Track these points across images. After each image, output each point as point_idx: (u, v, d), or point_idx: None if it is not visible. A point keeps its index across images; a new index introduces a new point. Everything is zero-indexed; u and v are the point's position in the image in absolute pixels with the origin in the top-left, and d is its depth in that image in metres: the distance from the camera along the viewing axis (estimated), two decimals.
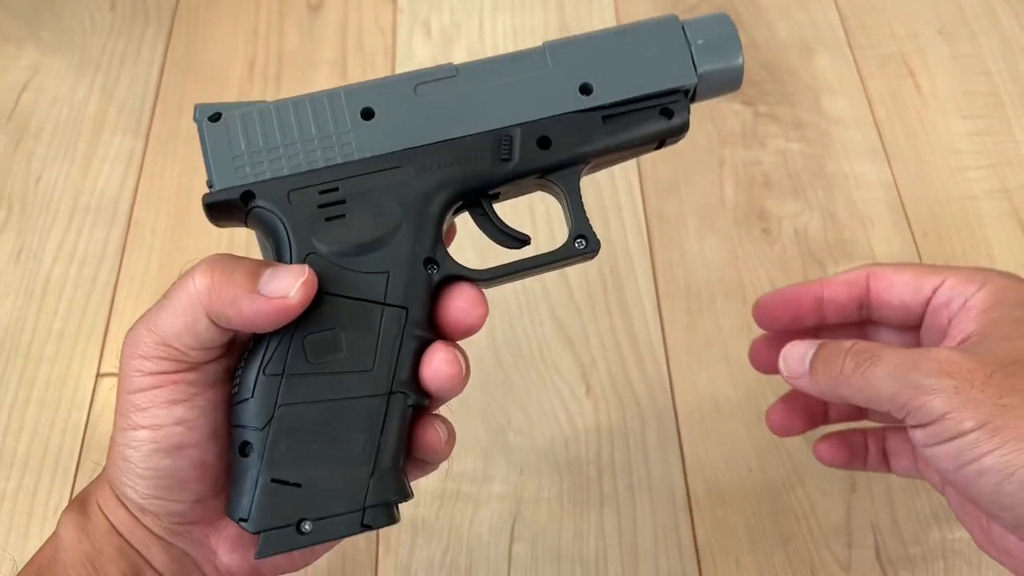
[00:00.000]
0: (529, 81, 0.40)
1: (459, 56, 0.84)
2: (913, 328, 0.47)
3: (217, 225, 0.40)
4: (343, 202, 0.38)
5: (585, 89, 0.40)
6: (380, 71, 0.83)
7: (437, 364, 0.38)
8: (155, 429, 0.36)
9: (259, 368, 0.36)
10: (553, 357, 0.67)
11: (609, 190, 0.75)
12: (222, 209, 0.40)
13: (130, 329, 0.37)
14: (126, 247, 0.73)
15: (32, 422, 0.65)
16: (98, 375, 0.67)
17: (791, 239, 0.73)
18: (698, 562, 0.60)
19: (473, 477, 0.62)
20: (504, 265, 0.40)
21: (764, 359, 0.52)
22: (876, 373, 0.39)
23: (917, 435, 0.39)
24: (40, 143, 0.79)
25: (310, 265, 0.37)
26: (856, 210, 0.75)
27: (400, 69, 0.84)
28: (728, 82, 0.44)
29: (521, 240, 0.41)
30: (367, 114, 0.39)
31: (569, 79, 0.40)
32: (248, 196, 0.38)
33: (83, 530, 0.37)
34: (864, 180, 0.77)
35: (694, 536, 0.61)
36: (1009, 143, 0.78)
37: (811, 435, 0.54)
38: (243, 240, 0.73)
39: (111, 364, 0.67)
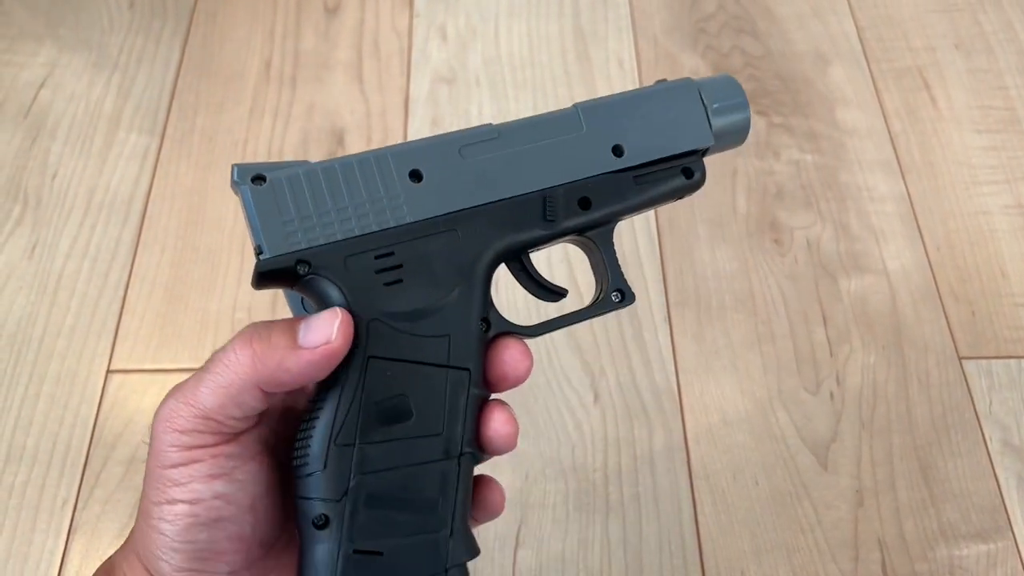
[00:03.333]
0: (566, 143, 0.41)
1: (474, 61, 0.85)
2: None
3: (262, 288, 0.39)
4: (400, 267, 0.38)
5: (617, 151, 0.41)
6: (395, 74, 0.84)
7: (497, 425, 0.38)
8: (194, 503, 0.35)
9: (329, 439, 0.36)
10: (562, 364, 0.67)
11: None
12: (273, 276, 0.38)
13: (161, 404, 0.36)
14: (139, 244, 0.73)
15: (42, 417, 0.65)
16: (108, 371, 0.67)
17: (803, 250, 0.73)
18: (703, 573, 0.60)
19: None
20: (550, 321, 0.41)
21: None
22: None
23: None
24: (56, 140, 0.79)
25: (372, 330, 0.37)
26: (869, 222, 0.74)
27: (415, 72, 0.84)
28: (734, 142, 0.46)
29: (558, 293, 0.42)
30: (415, 176, 0.39)
31: (603, 141, 0.41)
32: (303, 263, 0.37)
33: None
34: (877, 192, 0.76)
35: (699, 547, 0.60)
36: None
37: (818, 448, 0.53)
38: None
39: (121, 360, 0.68)
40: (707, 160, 0.45)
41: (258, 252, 0.36)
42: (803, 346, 0.68)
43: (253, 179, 0.37)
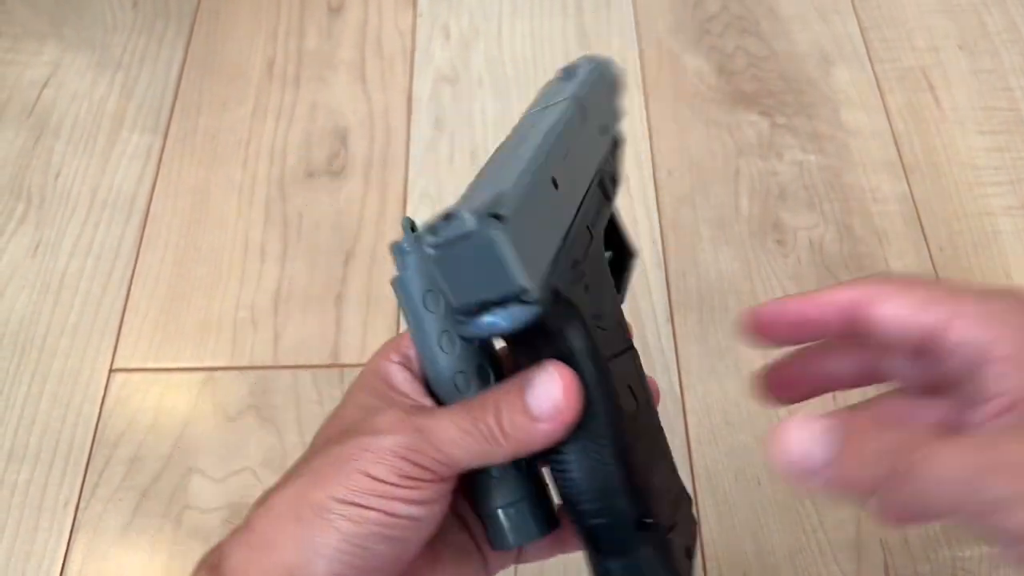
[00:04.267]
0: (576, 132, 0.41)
1: (477, 61, 0.84)
2: (924, 358, 0.35)
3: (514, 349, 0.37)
4: (584, 273, 0.36)
5: (604, 131, 0.42)
6: (398, 74, 0.84)
7: None
8: (388, 515, 0.34)
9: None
10: None
11: (624, 199, 0.75)
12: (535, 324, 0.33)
13: (396, 427, 0.35)
14: (142, 243, 0.73)
15: (44, 415, 0.65)
16: (111, 370, 0.67)
17: (806, 251, 0.73)
18: (704, 573, 0.59)
19: None
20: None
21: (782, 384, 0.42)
22: (931, 475, 0.28)
23: (1002, 549, 0.29)
24: (59, 139, 0.79)
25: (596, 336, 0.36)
26: (872, 223, 0.74)
27: (418, 72, 0.84)
28: None
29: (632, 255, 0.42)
30: (555, 184, 0.35)
31: (594, 129, 0.41)
32: (556, 294, 0.33)
33: None
34: (881, 193, 0.76)
35: (701, 548, 0.60)
36: None
37: None
38: (257, 241, 0.74)
39: (124, 359, 0.68)
40: (708, 157, 0.45)
41: (521, 297, 0.30)
42: None
43: (494, 216, 0.30)
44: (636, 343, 0.40)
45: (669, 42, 0.86)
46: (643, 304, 0.70)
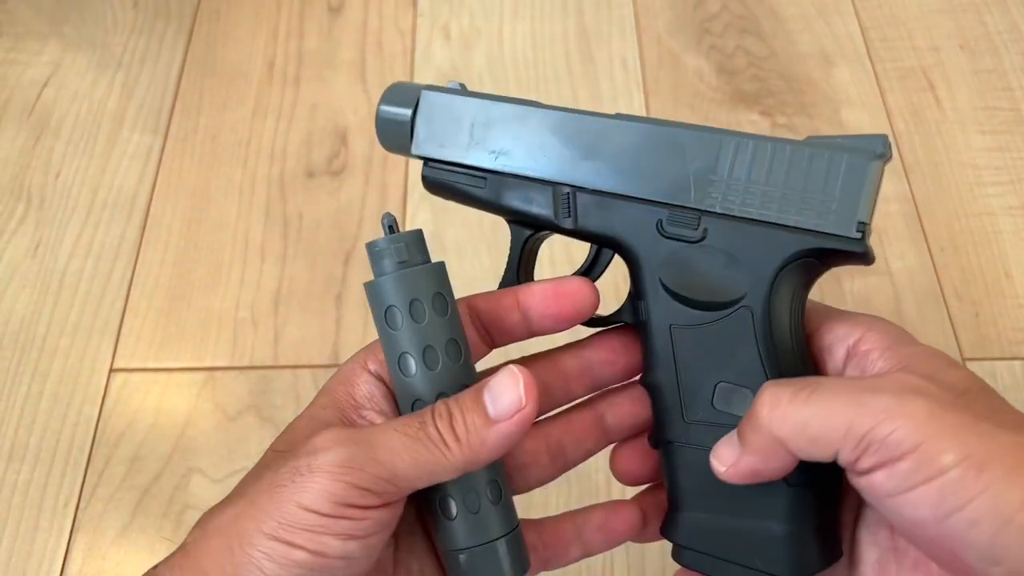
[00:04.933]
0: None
1: (478, 62, 0.84)
2: None
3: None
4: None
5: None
6: (399, 74, 0.84)
7: None
8: (317, 556, 0.31)
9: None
10: None
11: None
12: None
13: (335, 447, 0.32)
14: (142, 243, 0.73)
15: (44, 415, 0.65)
16: (111, 370, 0.67)
17: None
18: None
19: None
20: None
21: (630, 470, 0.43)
22: (823, 398, 0.31)
23: (878, 480, 0.30)
24: (60, 139, 0.79)
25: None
26: (872, 223, 0.74)
27: (418, 72, 0.84)
28: None
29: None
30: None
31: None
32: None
33: None
34: (881, 193, 0.76)
35: None
36: None
37: None
38: (257, 240, 0.74)
39: (124, 359, 0.68)
40: None
41: (860, 231, 0.36)
42: None
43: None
44: None
45: (669, 42, 0.86)
46: None
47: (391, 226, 0.37)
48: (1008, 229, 0.74)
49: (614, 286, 0.55)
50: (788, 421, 0.31)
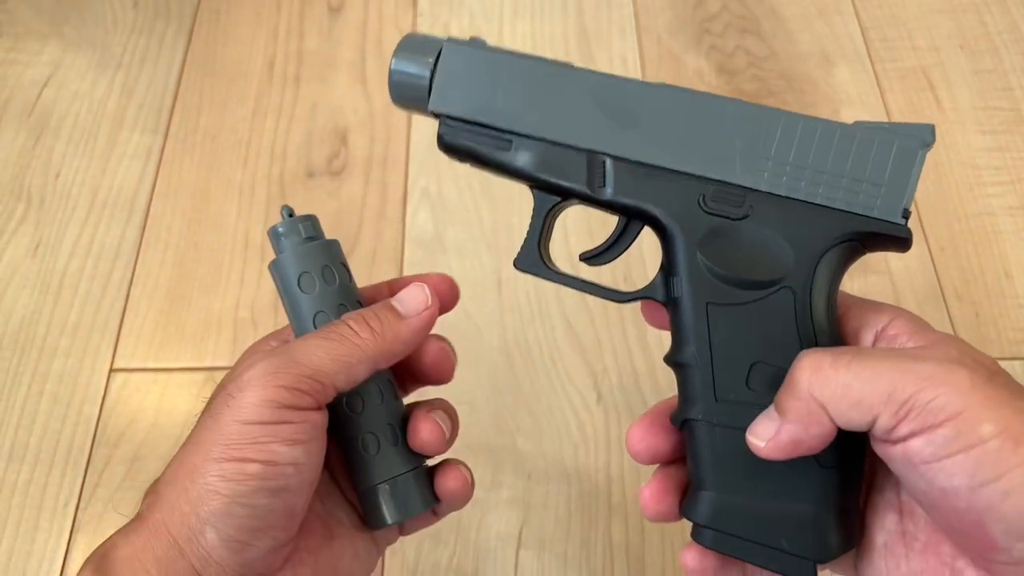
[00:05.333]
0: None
1: None
2: None
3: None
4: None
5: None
6: None
7: None
8: (268, 465, 0.33)
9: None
10: (565, 363, 0.67)
11: None
12: None
13: (259, 363, 0.35)
14: (142, 243, 0.73)
15: (44, 415, 0.65)
16: (111, 370, 0.67)
17: None
18: None
19: (482, 482, 0.62)
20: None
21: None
22: (866, 363, 0.32)
23: (916, 446, 0.30)
24: (60, 139, 0.79)
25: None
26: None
27: None
28: None
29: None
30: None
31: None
32: None
33: None
34: None
35: None
36: None
37: None
38: (258, 240, 0.73)
39: (124, 359, 0.68)
40: None
41: (905, 216, 0.36)
42: None
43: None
44: (636, 342, 0.40)
45: (669, 42, 0.86)
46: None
47: (290, 213, 0.42)
48: (1008, 229, 0.74)
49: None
50: (829, 384, 0.32)
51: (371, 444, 0.39)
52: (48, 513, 0.61)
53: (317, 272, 0.40)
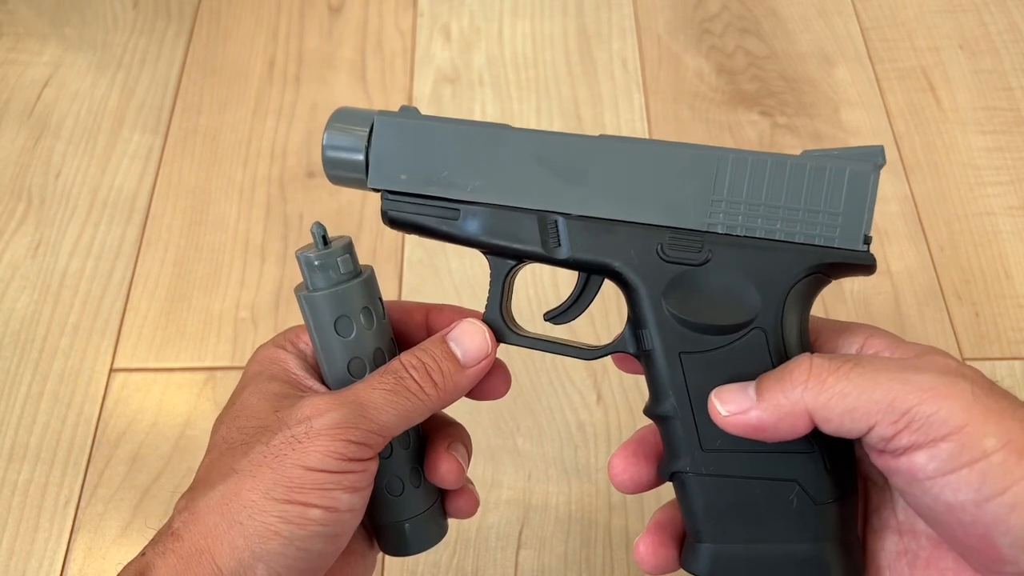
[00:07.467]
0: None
1: (478, 61, 0.84)
2: None
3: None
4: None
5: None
6: (399, 73, 0.84)
7: None
8: (330, 512, 0.34)
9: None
10: (564, 364, 0.67)
11: None
12: None
13: (328, 412, 0.34)
14: (142, 243, 0.73)
15: (45, 415, 0.65)
16: (111, 370, 0.67)
17: None
18: None
19: (482, 482, 0.62)
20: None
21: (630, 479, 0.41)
22: (865, 372, 0.31)
23: (920, 461, 0.30)
24: (60, 139, 0.79)
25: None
26: (873, 223, 0.74)
27: (418, 72, 0.84)
28: None
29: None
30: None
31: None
32: None
33: None
34: (881, 193, 0.76)
35: None
36: None
37: None
38: (258, 241, 0.73)
39: (124, 359, 0.68)
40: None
41: (866, 243, 0.36)
42: None
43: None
44: None
45: (669, 42, 0.86)
46: None
47: (324, 238, 0.37)
48: (1008, 229, 0.74)
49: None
50: (824, 392, 0.31)
51: (396, 487, 0.39)
52: (48, 513, 0.61)
53: (355, 315, 0.37)
